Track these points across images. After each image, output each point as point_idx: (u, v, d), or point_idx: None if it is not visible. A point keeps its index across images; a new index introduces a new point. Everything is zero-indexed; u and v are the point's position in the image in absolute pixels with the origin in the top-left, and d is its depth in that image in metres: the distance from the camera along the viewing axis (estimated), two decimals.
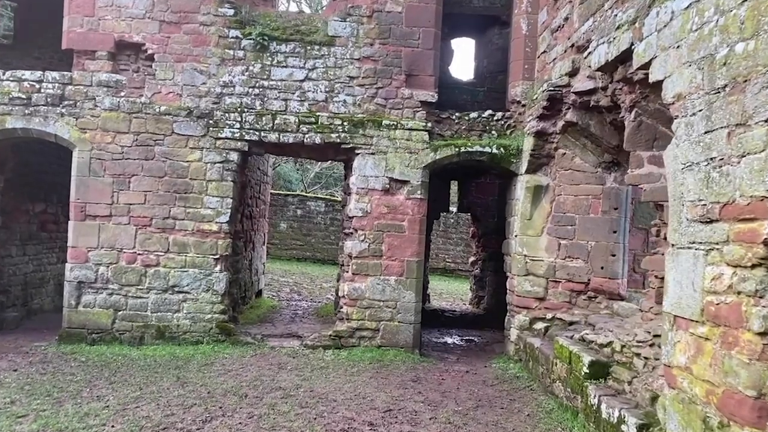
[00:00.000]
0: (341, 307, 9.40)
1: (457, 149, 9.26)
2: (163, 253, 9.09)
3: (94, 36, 9.14)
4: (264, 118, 9.22)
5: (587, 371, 6.12)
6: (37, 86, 9.02)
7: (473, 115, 9.70)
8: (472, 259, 13.89)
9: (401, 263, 9.23)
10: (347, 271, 9.35)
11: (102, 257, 9.04)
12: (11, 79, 9.03)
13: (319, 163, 29.72)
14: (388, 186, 9.26)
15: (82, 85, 9.10)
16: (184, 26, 9.21)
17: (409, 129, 9.29)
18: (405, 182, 9.27)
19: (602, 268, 8.39)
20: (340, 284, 9.65)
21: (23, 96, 8.95)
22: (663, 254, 6.19)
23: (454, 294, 17.60)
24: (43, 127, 9.00)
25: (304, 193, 23.57)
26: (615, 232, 8.38)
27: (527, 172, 8.95)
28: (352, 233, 9.36)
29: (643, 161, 6.30)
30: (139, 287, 9.06)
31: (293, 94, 9.33)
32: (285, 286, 16.22)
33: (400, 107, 9.38)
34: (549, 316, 8.62)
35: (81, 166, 9.06)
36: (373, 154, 9.28)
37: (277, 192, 22.45)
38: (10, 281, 10.17)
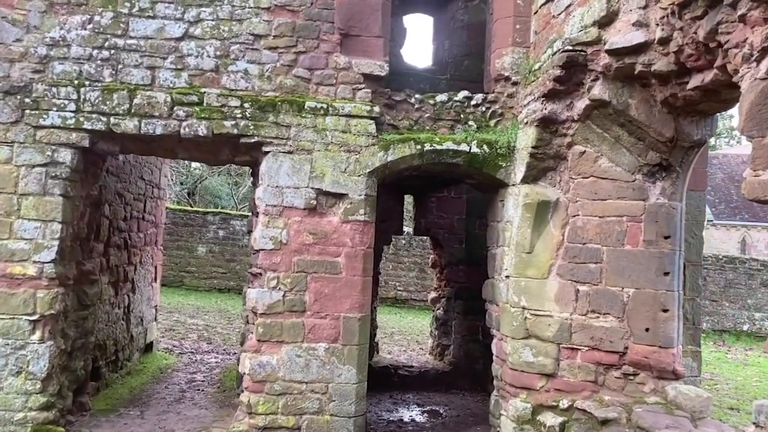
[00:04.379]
0: (243, 391, 6.05)
1: (419, 147, 6.11)
2: None
3: None
4: (116, 96, 5.83)
5: None
6: None
7: (441, 98, 6.59)
8: (432, 295, 10.77)
9: (335, 322, 5.97)
10: (251, 336, 6.02)
11: None
12: None
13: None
14: (314, 202, 6.01)
15: None
16: None
17: (346, 115, 6.08)
18: (341, 196, 6.05)
19: (647, 330, 5.37)
20: (241, 354, 6.29)
21: None
22: None
23: (407, 333, 14.41)
24: None
25: (226, 211, 19.98)
26: (667, 273, 5.39)
27: (525, 181, 5.89)
28: (259, 275, 6.06)
29: None
30: None
31: (165, 59, 5.98)
32: (193, 331, 12.64)
33: (332, 82, 6.17)
34: (564, 403, 5.53)
35: None
36: (290, 152, 6.01)
37: (194, 209, 18.82)
38: None
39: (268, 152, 6.01)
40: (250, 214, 8.93)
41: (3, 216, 5.65)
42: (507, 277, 6.07)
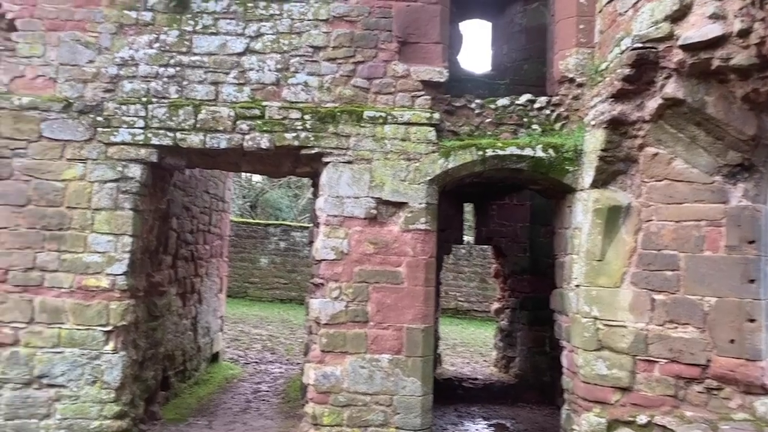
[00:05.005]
0: (307, 402, 6.04)
1: (480, 153, 5.98)
2: (25, 325, 5.79)
3: None
4: (182, 112, 5.99)
5: None
6: None
7: (503, 102, 6.45)
8: (496, 306, 10.53)
9: (398, 333, 5.89)
10: (315, 346, 6.01)
11: None
12: None
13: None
14: (374, 212, 5.97)
15: None
16: None
17: (405, 123, 6.03)
18: (401, 205, 5.99)
19: (732, 341, 5.02)
20: (305, 365, 6.29)
21: None
22: None
23: (470, 345, 14.16)
24: None
25: (287, 223, 20.30)
26: (752, 281, 5.03)
27: (594, 185, 5.65)
28: (321, 285, 6.06)
29: None
30: None
31: (227, 74, 6.11)
32: (257, 341, 12.83)
33: (390, 91, 6.13)
34: (642, 418, 5.24)
35: None
36: (350, 162, 6.01)
37: (257, 222, 19.21)
38: None
39: (328, 163, 6.02)
40: (309, 225, 9.05)
41: (78, 230, 5.88)
42: (577, 286, 5.83)
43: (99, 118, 5.96)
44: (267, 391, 8.84)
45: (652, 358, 5.31)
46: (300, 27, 6.14)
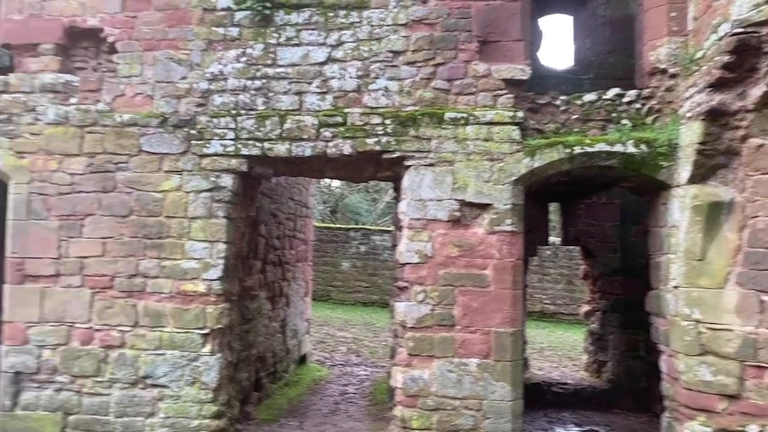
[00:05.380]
0: (395, 405, 6.06)
1: (568, 151, 5.80)
2: (130, 328, 6.18)
3: (36, 24, 6.52)
4: (268, 122, 6.19)
5: None
6: None
7: (589, 98, 6.23)
8: (585, 308, 10.15)
9: (486, 337, 5.80)
10: (402, 350, 6.03)
11: (46, 336, 6.24)
12: None
13: (390, 190, 26.78)
14: (458, 214, 5.92)
15: (21, 92, 6.45)
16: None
17: (487, 123, 5.95)
18: (485, 207, 5.91)
19: None
20: (392, 368, 6.32)
21: None
22: None
23: (558, 349, 13.75)
24: None
25: (367, 227, 20.53)
26: None
27: (692, 181, 5.34)
28: (405, 288, 6.07)
29: None
30: (97, 379, 6.17)
31: (310, 83, 6.25)
32: (342, 343, 13.05)
33: (472, 91, 6.07)
34: (753, 428, 4.89)
35: (18, 205, 6.35)
36: (432, 165, 5.99)
37: (338, 226, 19.55)
38: None
39: (410, 166, 6.04)
40: (389, 229, 9.11)
41: (176, 238, 6.20)
42: (675, 287, 5.52)
43: (192, 132, 6.26)
44: (354, 393, 8.97)
45: (762, 364, 4.93)
46: (379, 33, 6.19)
